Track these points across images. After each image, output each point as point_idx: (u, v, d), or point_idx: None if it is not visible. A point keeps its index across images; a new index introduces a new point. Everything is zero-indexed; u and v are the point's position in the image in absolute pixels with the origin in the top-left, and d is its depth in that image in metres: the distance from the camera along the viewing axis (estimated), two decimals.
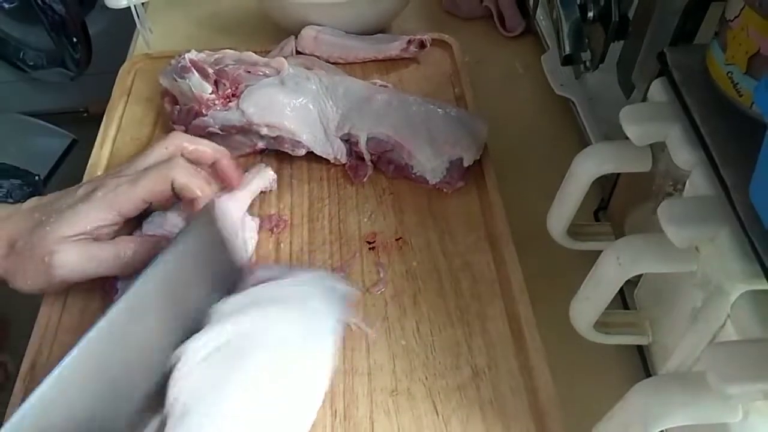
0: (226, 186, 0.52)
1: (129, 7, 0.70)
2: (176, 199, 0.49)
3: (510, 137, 0.64)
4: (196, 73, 0.58)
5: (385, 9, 0.71)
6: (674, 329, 0.40)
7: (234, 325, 0.40)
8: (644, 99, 0.44)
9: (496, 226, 0.53)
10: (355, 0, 0.67)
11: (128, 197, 0.46)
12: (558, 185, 0.46)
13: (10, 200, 0.49)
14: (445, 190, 0.56)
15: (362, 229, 0.54)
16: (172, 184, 0.46)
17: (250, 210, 0.54)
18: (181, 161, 0.47)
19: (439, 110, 0.59)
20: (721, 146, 0.36)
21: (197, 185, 0.47)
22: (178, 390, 0.37)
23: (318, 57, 0.67)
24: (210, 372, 0.38)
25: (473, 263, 0.51)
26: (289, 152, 0.58)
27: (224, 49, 0.63)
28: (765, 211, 0.30)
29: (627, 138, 0.41)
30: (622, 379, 0.47)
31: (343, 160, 0.58)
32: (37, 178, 0.53)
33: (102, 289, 0.48)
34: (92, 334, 0.36)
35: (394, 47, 0.67)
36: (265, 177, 0.56)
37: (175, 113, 0.60)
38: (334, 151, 0.58)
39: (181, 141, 0.50)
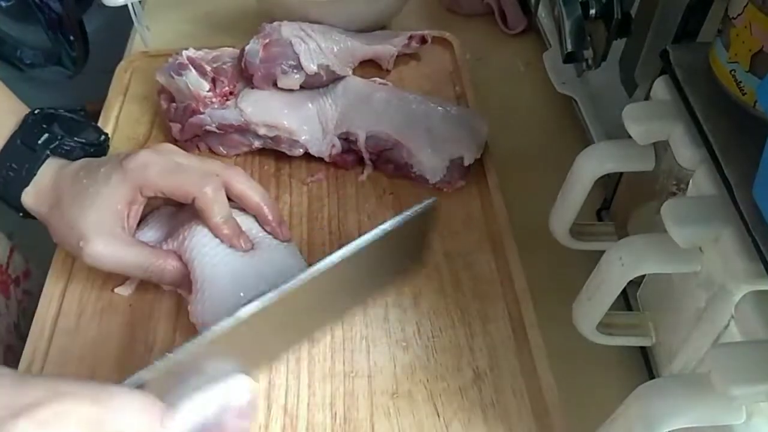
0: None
1: (126, 5, 0.70)
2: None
3: (511, 136, 0.63)
4: (193, 70, 0.58)
5: (386, 6, 0.70)
6: (678, 330, 0.40)
7: None
8: (647, 97, 0.44)
9: (498, 225, 0.52)
10: None
11: (155, 185, 0.46)
12: (560, 184, 0.45)
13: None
14: (445, 189, 0.56)
15: (362, 229, 0.53)
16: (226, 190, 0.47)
17: None
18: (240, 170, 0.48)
19: (439, 109, 0.58)
20: (725, 145, 0.35)
21: (257, 190, 0.48)
22: None
23: None
24: None
25: (474, 263, 0.51)
26: (287, 152, 0.57)
27: (222, 47, 0.63)
28: None
29: (630, 137, 0.41)
30: (625, 380, 0.47)
31: (336, 151, 0.57)
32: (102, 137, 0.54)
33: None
34: None
35: (395, 43, 0.67)
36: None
37: (171, 111, 0.59)
38: (330, 149, 0.57)
39: (234, 176, 0.48)
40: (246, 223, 0.48)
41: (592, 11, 0.50)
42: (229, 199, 0.47)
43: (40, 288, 0.50)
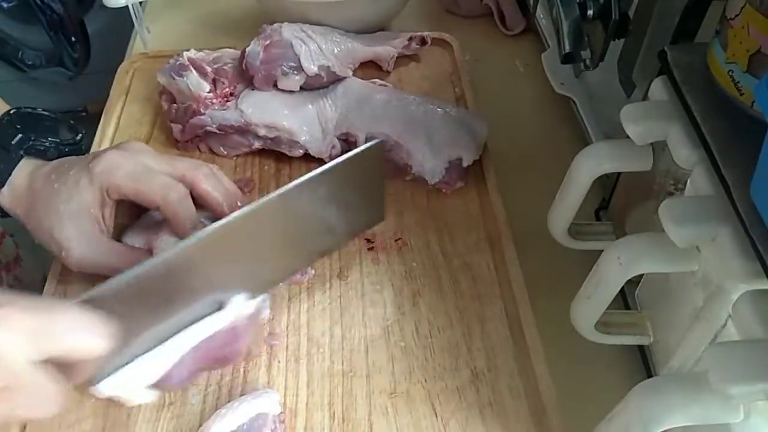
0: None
1: (127, 7, 0.70)
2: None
3: (510, 136, 0.63)
4: (194, 72, 0.58)
5: (385, 7, 0.70)
6: (675, 329, 0.40)
7: None
8: (645, 97, 0.44)
9: (496, 226, 0.52)
10: None
11: (120, 189, 0.45)
12: (558, 184, 0.46)
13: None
14: (444, 190, 0.56)
15: None
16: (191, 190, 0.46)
17: None
18: (207, 170, 0.47)
19: (438, 110, 0.58)
20: (722, 145, 0.35)
21: (222, 191, 0.47)
22: None
23: None
24: None
25: (473, 264, 0.51)
26: (287, 153, 0.58)
27: (223, 48, 0.63)
28: (766, 210, 0.30)
29: (628, 137, 0.41)
30: (623, 379, 0.47)
31: (336, 152, 0.57)
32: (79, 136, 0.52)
33: None
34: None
35: (395, 44, 0.67)
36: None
37: (172, 111, 0.59)
38: (330, 150, 0.57)
39: (199, 177, 0.47)
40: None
41: (590, 12, 0.50)
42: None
43: (30, 275, 0.50)
